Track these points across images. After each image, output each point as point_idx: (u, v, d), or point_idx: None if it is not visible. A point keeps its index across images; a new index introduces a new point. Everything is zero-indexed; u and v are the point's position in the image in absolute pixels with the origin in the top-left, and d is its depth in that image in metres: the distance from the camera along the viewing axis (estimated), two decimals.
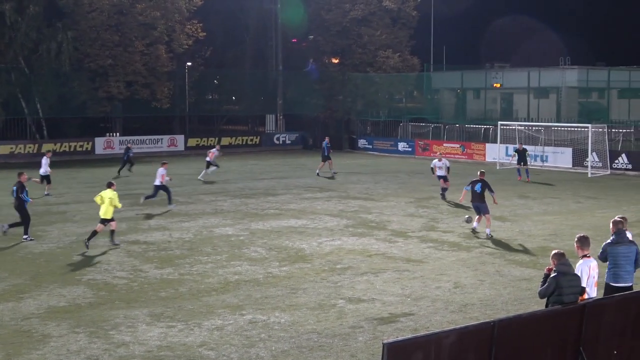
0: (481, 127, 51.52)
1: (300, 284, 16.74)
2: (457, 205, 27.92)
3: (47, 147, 44.91)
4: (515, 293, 15.92)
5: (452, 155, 48.77)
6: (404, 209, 27.74)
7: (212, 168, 37.39)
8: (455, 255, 19.77)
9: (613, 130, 44.14)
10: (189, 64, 60.09)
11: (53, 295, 15.93)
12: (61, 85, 53.03)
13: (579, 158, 41.63)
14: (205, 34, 58.60)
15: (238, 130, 68.80)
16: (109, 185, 21.32)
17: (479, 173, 23.47)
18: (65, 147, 51.10)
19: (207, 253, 20.06)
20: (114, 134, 55.12)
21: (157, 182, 27.98)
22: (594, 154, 40.33)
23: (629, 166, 40.05)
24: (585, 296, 10.97)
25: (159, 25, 54.51)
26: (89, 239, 20.76)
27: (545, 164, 42.94)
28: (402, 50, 61.78)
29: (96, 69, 53.35)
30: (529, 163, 37.30)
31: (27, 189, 22.37)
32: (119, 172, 39.51)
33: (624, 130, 45.75)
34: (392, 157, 50.28)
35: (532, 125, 46.31)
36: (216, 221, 25.05)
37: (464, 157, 48.27)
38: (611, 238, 12.48)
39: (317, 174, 38.63)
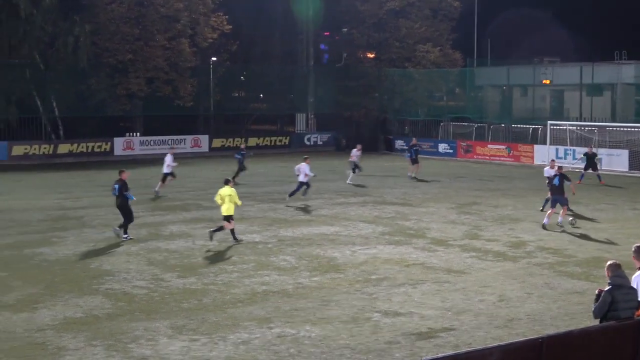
0: (529, 127, 51.19)
1: (333, 296, 16.76)
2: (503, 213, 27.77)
3: (64, 147, 45.39)
4: (566, 307, 15.80)
5: (497, 158, 48.54)
6: (445, 215, 27.64)
7: (357, 171, 37.59)
8: (500, 265, 19.66)
9: None
10: (214, 59, 60.41)
11: (69, 306, 16.11)
12: (78, 82, 53.59)
13: (636, 161, 41.20)
14: (231, 27, 58.87)
15: (266, 130, 69.05)
16: (226, 183, 22.92)
17: (556, 168, 26.05)
18: (82, 147, 51.69)
19: (232, 262, 20.17)
20: (134, 134, 55.62)
21: (302, 178, 30.62)
22: None
23: None
24: None
25: (182, 18, 54.93)
26: (215, 231, 22.39)
27: (600, 167, 42.49)
28: (442, 44, 61.64)
29: (115, 65, 53.88)
30: (599, 168, 36.91)
31: (129, 186, 23.59)
32: (233, 178, 37.89)
33: None
34: (432, 159, 50.13)
35: (585, 125, 45.92)
36: (242, 227, 25.13)
37: (510, 159, 47.99)
38: None
39: (414, 177, 38.90)
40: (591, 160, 36.34)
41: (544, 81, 59.74)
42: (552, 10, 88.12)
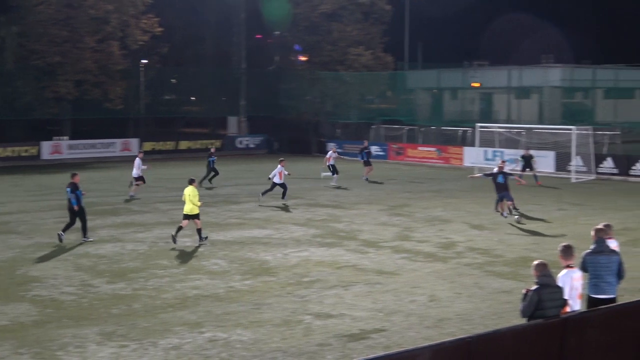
0: (459, 130, 51.85)
1: (265, 299, 16.71)
2: (433, 214, 28.07)
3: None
4: (494, 306, 16.03)
5: (428, 160, 49.06)
6: (376, 217, 27.81)
7: (328, 173, 38.04)
8: (430, 266, 19.86)
9: (598, 132, 44.64)
10: (145, 61, 59.78)
11: None
12: (4, 84, 52.48)
13: (562, 162, 42.07)
14: (162, 29, 58.32)
15: (198, 133, 68.58)
16: (190, 182, 22.95)
17: (499, 164, 27.80)
18: (8, 151, 50.57)
19: (163, 266, 19.95)
20: (63, 138, 54.64)
21: (277, 180, 31.00)
22: (578, 157, 40.78)
23: (615, 170, 40.56)
24: (568, 309, 11.06)
25: (112, 20, 54.20)
26: (200, 238, 22.72)
27: (527, 168, 43.26)
28: (374, 47, 62.07)
29: (43, 67, 52.88)
30: (535, 168, 37.74)
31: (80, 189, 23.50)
32: (201, 182, 36.45)
33: (610, 133, 46.30)
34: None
35: (513, 128, 46.71)
36: (173, 232, 24.88)
37: (440, 161, 48.57)
38: (591, 247, 12.62)
39: (366, 179, 39.40)
40: (528, 162, 37.42)
41: (473, 84, 60.71)
42: (481, 15, 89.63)
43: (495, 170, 27.61)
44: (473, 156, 45.19)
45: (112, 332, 14.46)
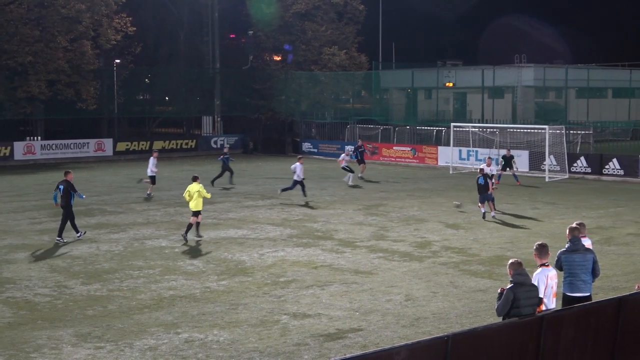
0: (433, 129, 52.07)
1: (241, 299, 16.70)
2: (408, 214, 28.17)
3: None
4: (470, 305, 16.13)
5: (402, 159, 49.21)
6: (352, 217, 27.87)
7: (348, 175, 38.11)
8: (406, 265, 19.94)
9: (571, 131, 45.08)
10: (118, 61, 59.43)
11: None
12: None
13: (536, 161, 42.39)
14: (135, 28, 58.04)
15: (172, 133, 68.32)
16: (194, 179, 23.79)
17: (479, 169, 28.60)
18: None
19: (138, 267, 19.87)
20: (35, 138, 54.18)
21: (296, 177, 31.66)
22: (551, 157, 41.12)
23: (588, 169, 40.93)
24: (543, 307, 11.16)
25: (84, 19, 53.78)
26: (185, 232, 23.33)
27: (507, 168, 43.54)
28: (348, 47, 62.15)
29: (14, 67, 52.36)
30: (514, 168, 38.02)
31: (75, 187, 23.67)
32: (213, 181, 36.78)
33: (583, 132, 46.76)
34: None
35: (487, 127, 46.98)
36: (148, 232, 24.82)
37: (415, 161, 48.73)
38: (566, 246, 12.74)
39: (361, 177, 39.94)
40: (509, 162, 37.70)
41: (447, 84, 60.96)
42: (454, 15, 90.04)
43: (489, 169, 29.10)
44: (448, 156, 45.39)
45: (87, 333, 14.39)
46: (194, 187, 23.48)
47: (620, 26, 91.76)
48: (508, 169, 37.75)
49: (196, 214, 23.47)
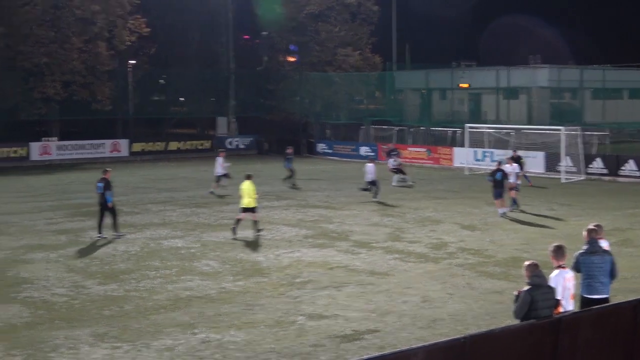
0: (448, 130, 51.96)
1: (257, 300, 16.74)
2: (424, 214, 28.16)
3: None
4: (487, 307, 16.11)
5: (417, 160, 49.15)
6: (368, 218, 27.87)
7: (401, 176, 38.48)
8: (422, 267, 19.93)
9: (587, 132, 44.84)
10: (132, 62, 59.66)
11: None
12: None
13: (551, 162, 42.21)
14: (149, 29, 58.26)
15: (187, 134, 68.48)
16: (248, 177, 24.66)
17: (497, 163, 29.54)
18: None
19: (155, 267, 19.96)
20: (51, 139, 54.44)
21: (368, 178, 32.23)
22: (567, 158, 40.94)
23: (605, 171, 40.72)
24: (561, 309, 11.13)
25: (99, 20, 54.06)
26: (257, 230, 24.23)
27: (525, 169, 43.39)
28: (362, 48, 62.15)
29: (30, 68, 52.70)
30: (524, 170, 37.96)
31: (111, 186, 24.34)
32: (285, 179, 38.41)
33: (599, 133, 46.54)
34: (354, 163, 50.42)
35: (502, 128, 46.84)
36: (165, 232, 24.92)
37: (430, 161, 48.66)
38: (584, 247, 12.69)
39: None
40: (517, 163, 37.50)
41: (461, 85, 60.80)
42: (469, 16, 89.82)
43: (510, 168, 29.68)
44: (463, 157, 45.30)
45: (104, 333, 14.47)
46: (247, 185, 24.43)
47: (636, 27, 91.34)
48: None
49: (248, 210, 24.32)
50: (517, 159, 37.56)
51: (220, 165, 35.29)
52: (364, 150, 53.50)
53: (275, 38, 62.46)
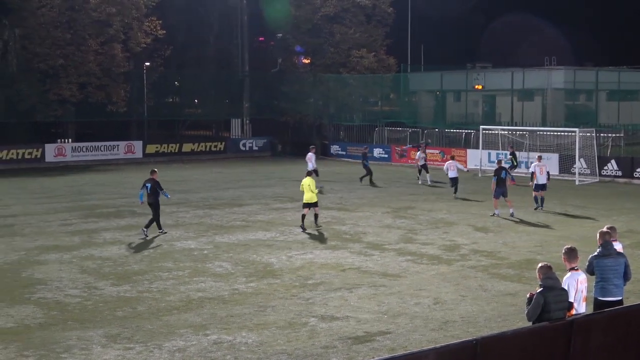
0: (462, 132, 51.84)
1: (269, 301, 16.73)
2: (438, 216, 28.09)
3: None
4: (499, 309, 16.03)
5: (431, 162, 49.02)
6: (380, 219, 27.83)
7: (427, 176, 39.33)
8: (434, 269, 19.87)
9: (602, 134, 44.60)
10: (148, 64, 59.86)
11: None
12: (7, 87, 52.51)
13: (566, 164, 42.03)
14: (164, 31, 58.42)
15: (201, 135, 68.61)
16: (309, 174, 26.48)
17: (497, 162, 29.70)
18: (12, 154, 50.59)
19: (167, 269, 19.98)
20: (66, 140, 54.69)
21: (452, 175, 33.70)
22: (581, 160, 40.76)
23: (619, 173, 40.52)
24: (573, 312, 11.07)
25: (115, 23, 54.24)
26: (316, 224, 25.80)
27: (531, 170, 43.18)
28: (377, 50, 62.06)
29: (46, 70, 52.95)
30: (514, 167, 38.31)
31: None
32: (361, 178, 39.52)
33: (613, 135, 46.24)
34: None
35: (516, 130, 46.69)
36: (177, 234, 24.96)
37: (443, 163, 48.46)
38: (597, 250, 12.61)
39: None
40: (513, 159, 38.10)
41: (476, 86, 60.66)
42: (484, 18, 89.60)
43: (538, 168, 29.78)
44: (477, 158, 45.16)
45: (117, 334, 14.49)
46: (307, 181, 25.69)
47: None
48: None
49: (309, 205, 25.62)
50: (513, 155, 38.00)
51: (311, 160, 37.36)
52: (377, 152, 53.44)
53: (290, 40, 62.48)
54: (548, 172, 30.55)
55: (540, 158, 32.16)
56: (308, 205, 25.70)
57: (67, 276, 19.18)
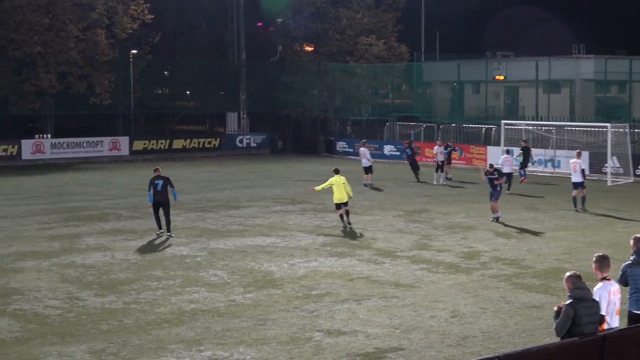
0: (482, 127, 51.84)
1: (269, 314, 16.76)
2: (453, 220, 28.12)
3: None
4: (524, 323, 16.06)
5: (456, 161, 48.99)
6: (392, 224, 27.86)
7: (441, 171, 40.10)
8: (452, 278, 19.89)
9: (636, 130, 44.58)
10: (134, 51, 59.92)
11: None
12: None
13: (596, 163, 41.99)
14: (153, 16, 58.45)
15: (193, 130, 68.75)
16: (336, 172, 27.05)
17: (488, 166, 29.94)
18: None
19: (157, 277, 20.03)
20: (45, 136, 54.77)
21: (507, 170, 34.69)
22: (614, 158, 40.75)
23: None
24: (605, 326, 11.06)
25: (98, 6, 54.33)
26: (348, 222, 26.65)
27: (558, 169, 43.27)
28: (387, 37, 62.03)
29: (22, 58, 53.02)
30: (530, 162, 38.86)
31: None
32: (416, 175, 40.64)
33: None
34: (377, 163, 50.35)
35: (542, 125, 46.67)
36: (168, 239, 25.00)
37: (461, 161, 48.57)
38: (631, 258, 12.61)
39: (449, 178, 40.55)
40: (527, 154, 39.20)
41: (497, 77, 60.59)
42: (504, 0, 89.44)
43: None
44: (498, 156, 45.08)
45: (101, 349, 14.53)
46: (339, 180, 26.58)
47: None
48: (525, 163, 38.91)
49: (341, 205, 26.56)
50: (527, 150, 38.88)
51: (365, 156, 38.99)
52: (388, 149, 53.48)
53: (291, 25, 62.47)
54: (583, 170, 30.56)
55: (579, 154, 32.14)
56: (339, 206, 26.73)
57: (47, 285, 19.22)
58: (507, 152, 37.38)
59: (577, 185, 30.37)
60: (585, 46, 64.88)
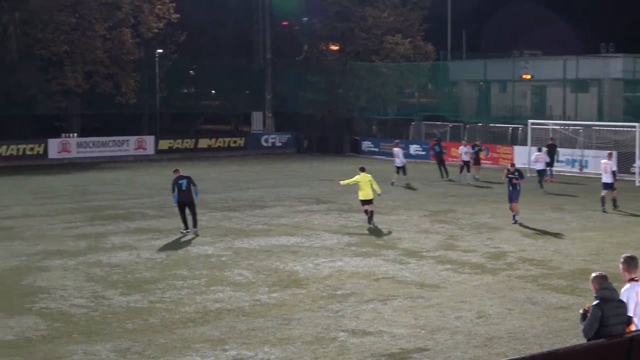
0: (508, 127, 51.62)
1: (294, 314, 16.78)
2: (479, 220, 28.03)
3: None
4: (550, 324, 15.98)
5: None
6: (417, 224, 27.81)
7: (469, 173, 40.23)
8: (478, 279, 19.83)
9: None
10: (160, 51, 60.15)
11: None
12: (7, 76, 53.01)
13: (625, 163, 41.66)
14: (178, 15, 58.64)
15: (219, 130, 68.88)
16: (362, 170, 27.30)
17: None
18: (12, 150, 51.12)
19: (182, 277, 20.09)
20: (71, 135, 55.13)
21: (540, 167, 36.48)
22: None
23: None
24: (633, 327, 10.99)
25: (124, 5, 54.61)
26: (370, 219, 26.84)
27: (585, 169, 43.01)
28: (413, 36, 61.93)
29: (49, 57, 53.40)
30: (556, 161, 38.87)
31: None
32: (445, 174, 41.14)
33: None
34: None
35: (569, 125, 46.41)
36: (193, 239, 25.08)
37: (488, 161, 48.34)
38: None
39: (477, 179, 40.42)
40: (552, 152, 39.41)
41: (524, 76, 60.27)
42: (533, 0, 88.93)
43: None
44: (524, 156, 44.92)
45: (126, 348, 14.60)
46: (365, 177, 26.73)
47: None
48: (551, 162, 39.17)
49: (367, 202, 26.74)
50: (552, 148, 38.96)
51: (398, 156, 39.07)
52: (414, 148, 53.36)
53: (317, 24, 62.47)
54: (614, 172, 30.38)
55: (610, 155, 31.96)
56: (364, 202, 26.87)
57: (72, 284, 19.34)
58: (539, 149, 37.65)
59: (607, 186, 30.23)
60: (614, 45, 64.33)
